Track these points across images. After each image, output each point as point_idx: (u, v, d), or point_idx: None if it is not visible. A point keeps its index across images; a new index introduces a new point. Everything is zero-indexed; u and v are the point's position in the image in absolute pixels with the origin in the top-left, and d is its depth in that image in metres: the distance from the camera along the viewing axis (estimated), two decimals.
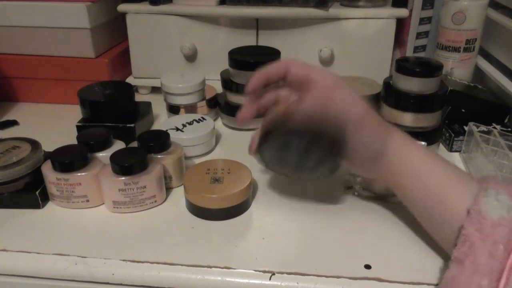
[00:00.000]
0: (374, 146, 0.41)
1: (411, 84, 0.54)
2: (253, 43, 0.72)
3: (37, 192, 0.48)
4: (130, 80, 0.77)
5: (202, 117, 0.61)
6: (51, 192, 0.49)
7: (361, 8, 0.69)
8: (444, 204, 0.38)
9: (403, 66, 0.55)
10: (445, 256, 0.41)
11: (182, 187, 0.53)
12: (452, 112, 0.62)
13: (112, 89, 0.62)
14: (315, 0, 0.68)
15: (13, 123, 0.69)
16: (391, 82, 0.57)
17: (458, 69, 0.69)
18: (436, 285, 0.39)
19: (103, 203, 0.49)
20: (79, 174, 0.47)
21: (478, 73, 0.73)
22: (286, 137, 0.41)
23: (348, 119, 0.40)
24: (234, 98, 0.65)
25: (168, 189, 0.52)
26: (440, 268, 0.40)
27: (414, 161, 0.40)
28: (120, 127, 0.59)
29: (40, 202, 0.49)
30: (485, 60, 0.75)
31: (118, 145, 0.53)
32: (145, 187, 0.47)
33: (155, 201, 0.49)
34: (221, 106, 0.68)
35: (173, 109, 0.66)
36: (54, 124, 0.68)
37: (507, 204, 0.34)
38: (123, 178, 0.46)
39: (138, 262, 0.41)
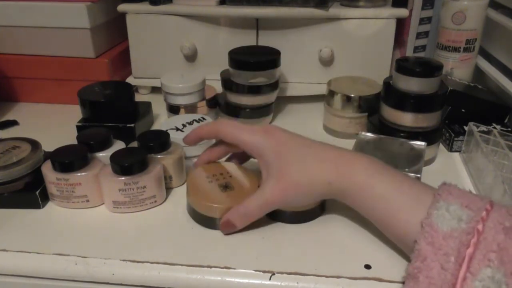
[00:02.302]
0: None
1: (411, 84, 0.54)
2: (253, 43, 0.72)
3: (37, 192, 0.48)
4: (130, 80, 0.77)
5: (202, 117, 0.61)
6: (51, 192, 0.49)
7: (361, 8, 0.69)
8: (395, 219, 0.38)
9: (403, 66, 0.55)
10: None
11: (182, 187, 0.53)
12: (452, 112, 0.62)
13: (112, 89, 0.62)
14: (315, 0, 0.68)
15: (13, 123, 0.69)
16: (391, 82, 0.57)
17: (458, 69, 0.69)
18: None
19: (103, 203, 0.49)
20: (79, 174, 0.47)
21: (478, 73, 0.73)
22: None
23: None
24: (234, 98, 0.65)
25: (168, 189, 0.52)
26: None
27: (359, 188, 0.40)
28: (120, 127, 0.59)
29: (40, 202, 0.49)
30: (485, 60, 0.75)
31: (118, 145, 0.53)
32: (145, 187, 0.47)
33: (155, 201, 0.49)
34: (221, 106, 0.68)
35: (173, 109, 0.66)
36: (54, 124, 0.68)
37: (458, 214, 0.34)
38: (123, 178, 0.46)
39: (138, 262, 0.41)
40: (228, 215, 0.43)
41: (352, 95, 0.61)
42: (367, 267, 0.41)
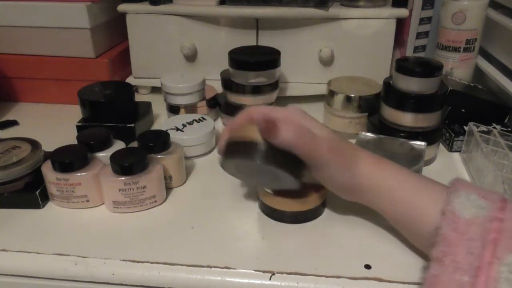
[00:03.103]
0: (342, 180, 0.42)
1: (411, 84, 0.54)
2: (253, 43, 0.72)
3: (37, 192, 0.48)
4: (130, 80, 0.77)
5: (202, 117, 0.61)
6: (51, 192, 0.49)
7: (361, 8, 0.69)
8: (417, 212, 0.39)
9: (403, 66, 0.55)
10: None
11: (182, 187, 0.53)
12: (452, 112, 0.62)
13: (112, 89, 0.62)
14: (315, 0, 0.68)
15: (13, 123, 0.69)
16: (391, 82, 0.57)
17: (458, 69, 0.69)
18: None
19: (103, 203, 0.49)
20: (79, 174, 0.47)
21: (478, 73, 0.73)
22: (251, 162, 0.40)
23: (313, 164, 0.41)
24: (234, 98, 0.65)
25: (168, 189, 0.52)
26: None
27: (386, 183, 0.41)
28: (120, 127, 0.59)
29: (40, 202, 0.49)
30: (485, 60, 0.75)
31: (118, 145, 0.53)
32: (145, 187, 0.47)
33: (155, 201, 0.49)
34: (221, 106, 0.68)
35: (173, 109, 0.66)
36: (54, 124, 0.68)
37: (478, 203, 0.36)
38: (123, 178, 0.46)
39: (138, 262, 0.41)
40: (277, 119, 0.40)
41: (352, 95, 0.61)
42: (367, 267, 0.41)
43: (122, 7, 0.71)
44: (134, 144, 0.53)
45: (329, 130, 0.43)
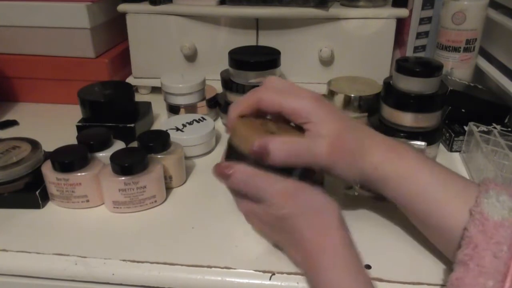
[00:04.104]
0: (351, 176, 0.41)
1: (411, 84, 0.54)
2: (253, 43, 0.72)
3: (37, 192, 0.48)
4: (130, 80, 0.77)
5: (202, 117, 0.61)
6: (51, 192, 0.49)
7: (361, 8, 0.69)
8: (442, 208, 0.37)
9: (403, 66, 0.55)
10: (445, 256, 0.41)
11: (182, 187, 0.53)
12: (452, 112, 0.62)
13: (112, 89, 0.62)
14: (315, 0, 0.68)
15: (13, 123, 0.69)
16: (391, 82, 0.57)
17: (458, 69, 0.69)
18: (436, 285, 0.39)
19: (103, 203, 0.49)
20: (79, 174, 0.47)
21: (478, 73, 0.73)
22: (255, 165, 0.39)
23: (317, 167, 0.40)
24: (234, 98, 0.65)
25: (168, 189, 0.51)
26: (441, 269, 0.40)
27: (401, 174, 0.39)
28: (120, 127, 0.59)
29: (40, 202, 0.49)
30: (485, 60, 0.75)
31: (118, 145, 0.53)
32: (145, 187, 0.47)
33: (155, 201, 0.49)
34: (221, 106, 0.68)
35: (173, 109, 0.66)
36: (54, 124, 0.68)
37: (508, 205, 0.34)
38: (123, 178, 0.46)
39: (138, 262, 0.41)
40: (269, 141, 0.38)
41: (352, 95, 0.61)
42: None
43: (122, 7, 0.71)
44: (134, 144, 0.53)
45: (336, 125, 0.39)
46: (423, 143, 0.53)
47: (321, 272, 0.35)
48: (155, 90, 0.77)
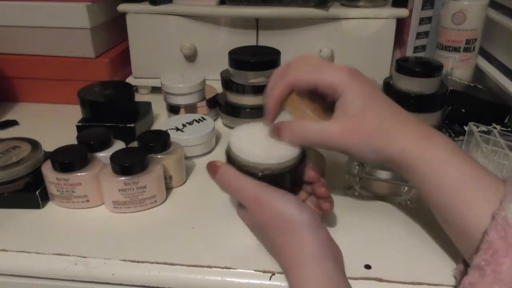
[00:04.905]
0: (372, 155, 0.39)
1: (411, 84, 0.54)
2: (253, 43, 0.72)
3: (37, 192, 0.48)
4: (130, 80, 0.77)
5: (202, 117, 0.61)
6: (51, 192, 0.49)
7: (361, 8, 0.69)
8: (466, 207, 0.36)
9: (403, 66, 0.55)
10: (445, 256, 0.41)
11: (182, 187, 0.53)
12: (452, 112, 0.62)
13: (112, 89, 0.62)
14: (315, 0, 0.68)
15: (13, 123, 0.69)
16: (391, 82, 0.57)
17: (458, 69, 0.69)
18: (436, 285, 0.39)
19: (103, 203, 0.49)
20: (79, 174, 0.47)
21: (478, 73, 0.73)
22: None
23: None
24: (234, 98, 0.65)
25: (168, 189, 0.51)
26: (441, 269, 0.40)
27: (435, 162, 0.37)
28: (120, 127, 0.59)
29: (40, 202, 0.49)
30: (485, 60, 0.75)
31: (118, 145, 0.53)
32: (145, 187, 0.47)
33: (155, 201, 0.49)
34: (221, 106, 0.68)
35: (173, 109, 0.66)
36: (54, 124, 0.68)
37: None
38: (123, 178, 0.46)
39: (138, 262, 0.41)
40: (281, 124, 0.41)
41: None
42: (367, 267, 0.41)
43: (122, 7, 0.71)
44: (134, 144, 0.53)
45: (363, 102, 0.38)
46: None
47: (292, 284, 0.37)
48: (155, 90, 0.77)
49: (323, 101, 0.42)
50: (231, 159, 0.42)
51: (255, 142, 0.42)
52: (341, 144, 0.39)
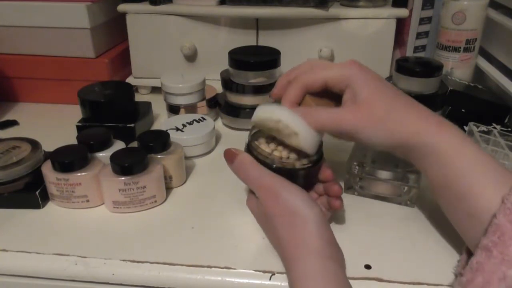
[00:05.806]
0: (382, 140, 0.40)
1: (411, 84, 0.54)
2: (253, 43, 0.72)
3: (37, 192, 0.48)
4: (130, 80, 0.77)
5: (202, 117, 0.61)
6: (51, 192, 0.49)
7: (361, 8, 0.69)
8: (477, 194, 0.36)
9: (403, 66, 0.55)
10: (445, 257, 0.41)
11: (182, 187, 0.53)
12: (452, 112, 0.62)
13: (112, 89, 0.62)
14: (315, 0, 0.68)
15: (13, 123, 0.69)
16: (391, 82, 0.57)
17: (458, 69, 0.69)
18: (436, 285, 0.39)
19: (103, 203, 0.49)
20: (79, 174, 0.47)
21: (478, 73, 0.73)
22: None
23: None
24: (234, 98, 0.65)
25: (168, 189, 0.52)
26: (441, 269, 0.40)
27: (449, 149, 0.38)
28: (120, 127, 0.59)
29: (40, 202, 0.49)
30: (485, 60, 0.75)
31: (118, 145, 0.53)
32: (145, 187, 0.47)
33: (155, 201, 0.49)
34: (221, 106, 0.68)
35: (173, 109, 0.66)
36: (54, 124, 0.68)
37: None
38: (123, 178, 0.46)
39: (138, 262, 0.41)
40: (298, 108, 0.42)
41: None
42: (367, 267, 0.41)
43: (122, 7, 0.71)
44: (134, 144, 0.53)
45: (371, 89, 0.40)
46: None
47: (293, 277, 0.36)
48: (155, 90, 0.77)
49: (333, 102, 0.44)
50: (250, 147, 0.43)
51: None
52: (351, 127, 0.40)
